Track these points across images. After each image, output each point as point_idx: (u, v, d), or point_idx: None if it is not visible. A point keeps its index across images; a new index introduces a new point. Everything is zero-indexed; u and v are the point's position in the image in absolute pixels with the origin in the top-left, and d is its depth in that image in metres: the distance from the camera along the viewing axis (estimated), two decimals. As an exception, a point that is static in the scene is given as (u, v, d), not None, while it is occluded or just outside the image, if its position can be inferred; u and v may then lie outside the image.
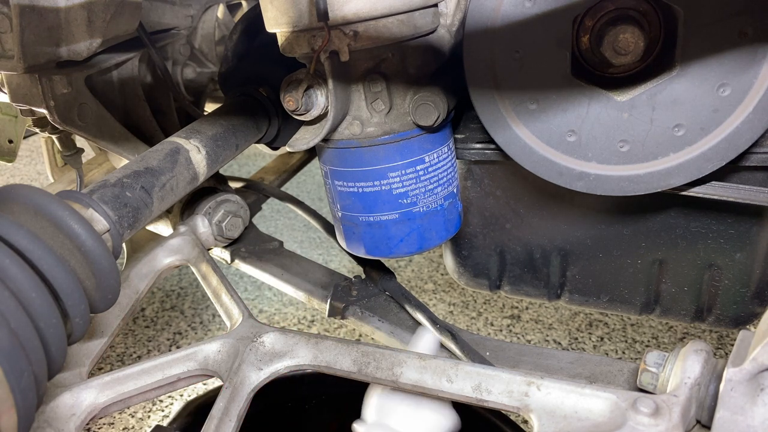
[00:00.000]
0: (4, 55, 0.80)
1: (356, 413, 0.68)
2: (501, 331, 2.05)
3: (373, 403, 0.66)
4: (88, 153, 1.45)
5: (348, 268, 2.37)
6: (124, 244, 0.98)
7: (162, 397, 1.70)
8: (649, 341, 1.94)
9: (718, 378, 0.50)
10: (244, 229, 1.01)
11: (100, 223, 0.52)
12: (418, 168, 0.71)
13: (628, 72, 0.65)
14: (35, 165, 3.75)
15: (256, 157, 3.44)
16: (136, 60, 1.03)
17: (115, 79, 1.02)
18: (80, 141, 1.22)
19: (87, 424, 0.65)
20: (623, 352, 1.90)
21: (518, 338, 2.00)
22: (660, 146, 0.63)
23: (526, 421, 0.57)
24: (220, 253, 1.04)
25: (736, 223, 0.72)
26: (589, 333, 2.00)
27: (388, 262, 1.04)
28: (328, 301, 0.90)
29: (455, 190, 0.77)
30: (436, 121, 0.66)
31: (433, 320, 0.81)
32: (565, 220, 0.80)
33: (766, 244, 0.72)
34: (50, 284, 0.44)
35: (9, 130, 1.56)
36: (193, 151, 0.66)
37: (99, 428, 1.64)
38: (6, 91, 0.91)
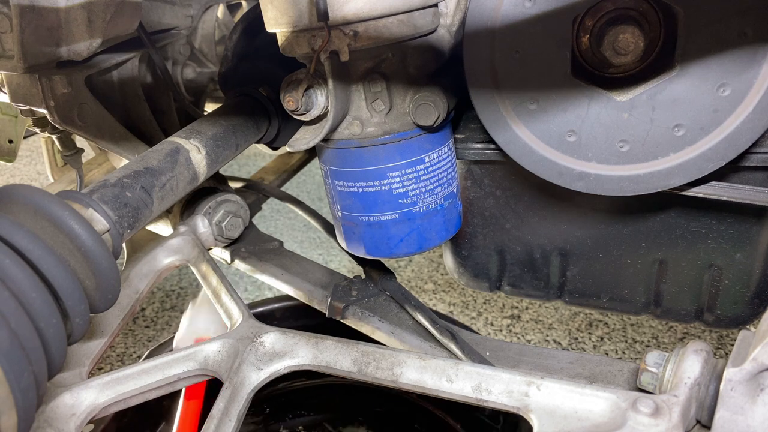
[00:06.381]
0: (4, 55, 0.80)
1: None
2: (501, 331, 2.05)
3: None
4: (88, 153, 1.45)
5: (348, 268, 2.37)
6: (124, 244, 0.98)
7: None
8: (649, 341, 1.94)
9: (718, 378, 0.50)
10: (244, 229, 1.01)
11: (100, 223, 0.52)
12: (418, 168, 0.71)
13: (628, 72, 0.65)
14: (35, 165, 3.75)
15: (256, 157, 3.45)
16: (136, 60, 1.03)
17: (115, 79, 1.02)
18: (80, 141, 1.22)
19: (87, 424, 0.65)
20: (623, 352, 1.90)
21: (518, 338, 2.00)
22: (660, 146, 0.63)
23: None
24: (220, 253, 1.04)
25: (736, 223, 0.72)
26: (589, 333, 2.00)
27: (388, 262, 1.04)
28: (328, 301, 0.90)
29: (455, 190, 0.77)
30: (436, 121, 0.66)
31: (433, 320, 0.81)
32: (565, 220, 0.80)
33: (766, 244, 0.72)
34: (50, 284, 0.44)
35: (9, 130, 1.56)
36: (193, 151, 0.66)
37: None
38: (6, 91, 0.91)
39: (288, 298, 1.33)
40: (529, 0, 0.62)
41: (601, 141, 0.65)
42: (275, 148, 0.90)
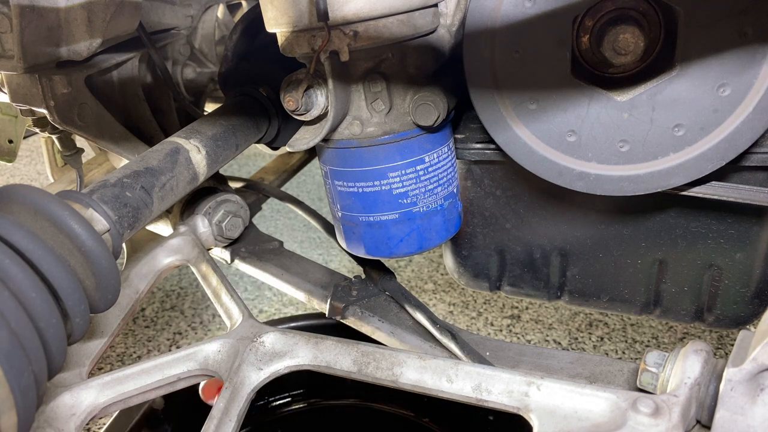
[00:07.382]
0: (4, 55, 0.80)
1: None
2: (501, 331, 2.05)
3: None
4: (88, 153, 1.45)
5: (348, 268, 2.37)
6: (124, 244, 0.98)
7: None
8: (649, 341, 1.94)
9: (718, 378, 0.50)
10: (244, 229, 1.01)
11: (100, 223, 0.52)
12: (418, 168, 0.71)
13: (628, 72, 0.65)
14: (35, 165, 3.76)
15: (256, 157, 3.45)
16: (136, 60, 1.03)
17: (115, 79, 1.02)
18: (80, 141, 1.22)
19: (87, 424, 0.65)
20: (623, 352, 1.90)
21: (518, 338, 2.00)
22: (660, 146, 0.63)
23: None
24: (220, 253, 1.04)
25: (736, 223, 0.72)
26: (589, 333, 2.00)
27: (388, 262, 1.04)
28: (328, 301, 0.90)
29: (455, 190, 0.77)
30: (436, 121, 0.66)
31: (433, 320, 0.81)
32: (565, 220, 0.80)
33: (766, 244, 0.72)
34: (50, 284, 0.44)
35: (9, 130, 1.56)
36: (193, 151, 0.66)
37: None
38: (6, 91, 0.91)
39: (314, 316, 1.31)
40: (529, 0, 0.62)
41: (601, 141, 0.65)
42: (275, 148, 0.90)
